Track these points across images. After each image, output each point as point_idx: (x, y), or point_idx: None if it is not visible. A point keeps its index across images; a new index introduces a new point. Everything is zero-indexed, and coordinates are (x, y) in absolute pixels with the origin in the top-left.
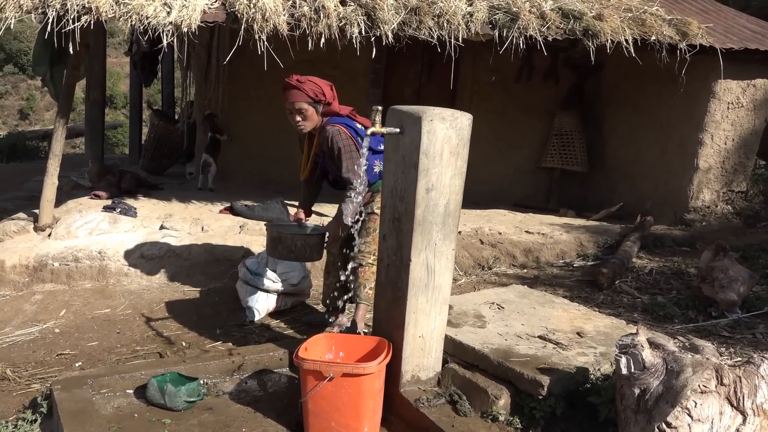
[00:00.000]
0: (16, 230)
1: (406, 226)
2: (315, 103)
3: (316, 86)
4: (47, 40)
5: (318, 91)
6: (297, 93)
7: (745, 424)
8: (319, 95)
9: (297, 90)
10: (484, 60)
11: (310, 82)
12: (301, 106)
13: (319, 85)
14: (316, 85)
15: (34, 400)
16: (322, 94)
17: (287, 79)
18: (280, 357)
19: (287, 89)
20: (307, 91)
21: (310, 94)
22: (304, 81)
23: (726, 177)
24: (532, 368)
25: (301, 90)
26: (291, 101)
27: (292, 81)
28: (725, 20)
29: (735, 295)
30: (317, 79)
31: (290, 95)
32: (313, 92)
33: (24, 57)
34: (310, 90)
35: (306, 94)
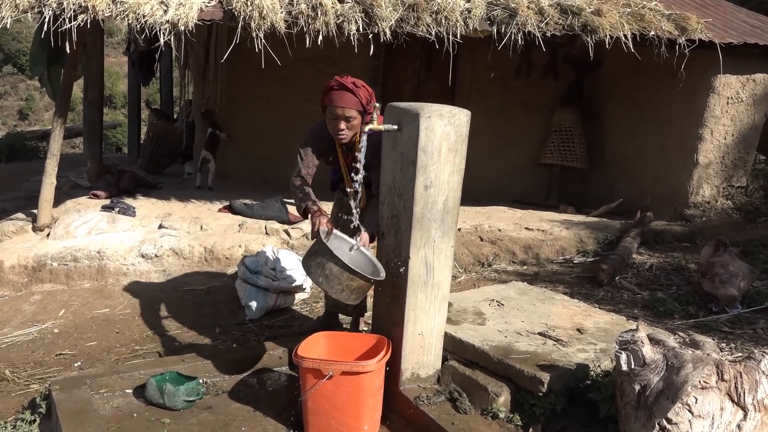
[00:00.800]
0: (14, 230)
1: (405, 223)
2: (363, 113)
3: (369, 93)
4: (44, 39)
5: (370, 99)
6: (350, 98)
7: (746, 420)
8: (368, 104)
9: (351, 95)
10: (483, 56)
11: (364, 87)
12: (351, 113)
13: (371, 93)
14: (369, 93)
15: (33, 401)
16: (369, 102)
17: (339, 79)
18: (280, 355)
19: (338, 91)
20: (361, 98)
21: (364, 102)
22: (360, 86)
23: (726, 172)
24: (532, 365)
25: (356, 95)
26: (341, 106)
27: (347, 83)
28: (724, 15)
29: (735, 291)
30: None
31: (342, 99)
32: (366, 100)
33: (23, 57)
34: (365, 97)
35: (360, 101)
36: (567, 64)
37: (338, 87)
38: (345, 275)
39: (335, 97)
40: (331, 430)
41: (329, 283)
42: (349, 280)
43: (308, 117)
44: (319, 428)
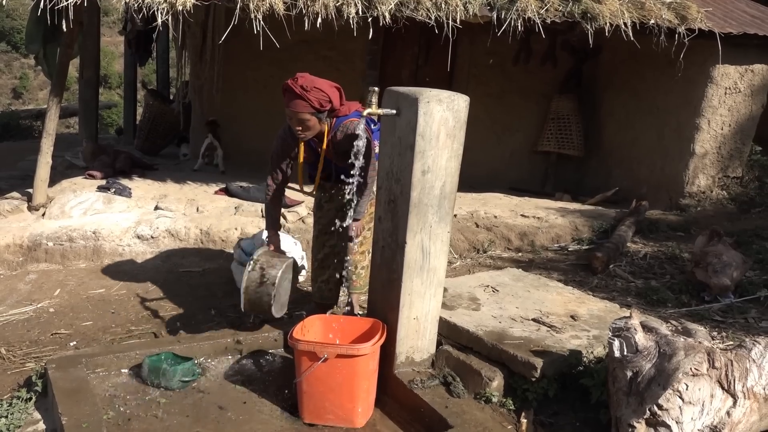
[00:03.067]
0: (9, 209)
1: (402, 208)
2: (319, 113)
3: (323, 94)
4: (40, 17)
5: (324, 100)
6: (300, 103)
7: (735, 407)
8: (324, 104)
9: (300, 100)
10: (482, 42)
11: (316, 89)
12: (303, 116)
13: (326, 93)
14: (323, 93)
15: (29, 379)
16: (328, 101)
17: (290, 83)
18: (275, 338)
19: (289, 95)
20: (311, 101)
21: (315, 105)
22: (310, 89)
23: (722, 162)
24: (526, 351)
25: (305, 100)
26: (292, 110)
27: (296, 88)
28: (724, 5)
29: (728, 280)
30: (324, 83)
31: (292, 104)
32: (318, 102)
33: (17, 35)
34: (315, 100)
35: (310, 104)
36: (566, 52)
37: (287, 91)
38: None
39: (286, 101)
40: (325, 412)
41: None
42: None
43: None
44: (314, 410)
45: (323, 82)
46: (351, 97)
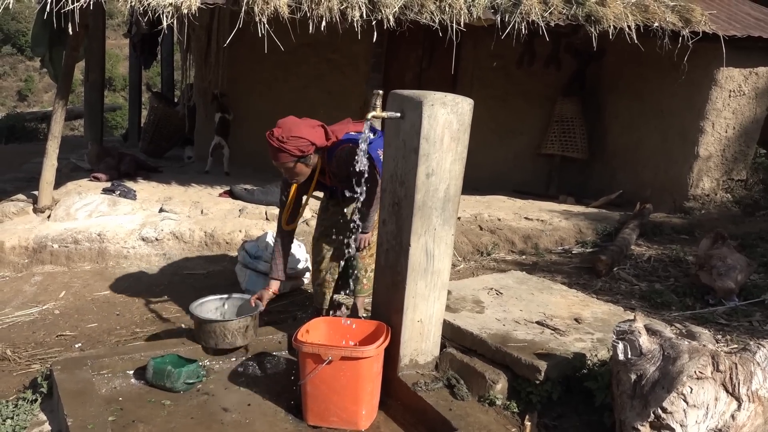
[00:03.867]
0: (15, 211)
1: (406, 210)
2: (302, 159)
3: (302, 141)
4: (46, 20)
5: (304, 145)
6: (281, 155)
7: (739, 410)
8: (306, 149)
9: (280, 152)
10: (486, 45)
11: (293, 138)
12: (286, 165)
13: (305, 138)
14: (302, 140)
15: (35, 380)
16: (309, 145)
17: (268, 137)
18: (279, 340)
19: (270, 149)
20: (291, 151)
21: (296, 153)
22: (287, 139)
23: (726, 165)
24: (530, 353)
25: (284, 151)
26: (275, 161)
27: (274, 142)
28: (728, 7)
29: (732, 283)
30: (303, 128)
31: (273, 157)
32: (298, 150)
33: (22, 38)
34: (295, 149)
35: (290, 154)
36: (570, 54)
37: (269, 144)
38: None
39: (270, 152)
40: (329, 414)
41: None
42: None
43: (310, 103)
44: (318, 412)
45: (303, 126)
46: (355, 99)
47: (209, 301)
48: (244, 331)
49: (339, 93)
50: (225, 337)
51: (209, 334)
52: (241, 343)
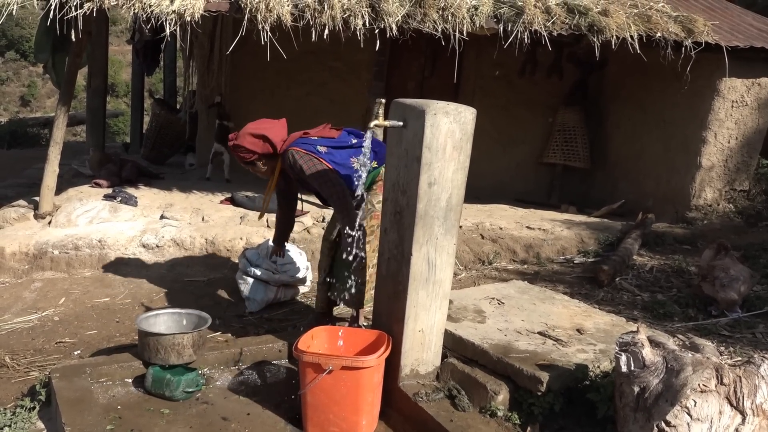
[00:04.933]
0: (16, 217)
1: (408, 219)
2: (261, 158)
3: (251, 145)
4: (49, 26)
5: (254, 149)
6: (238, 155)
7: (744, 424)
8: (247, 156)
9: (236, 153)
10: (488, 54)
11: (243, 146)
12: (248, 162)
13: (251, 145)
14: (241, 148)
15: (33, 388)
16: (250, 154)
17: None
18: (279, 348)
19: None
20: (243, 156)
21: (246, 157)
22: (239, 145)
23: (729, 176)
24: (532, 364)
25: (238, 153)
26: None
27: (230, 143)
28: (731, 18)
29: (735, 295)
30: (253, 130)
31: (236, 155)
32: (248, 153)
33: (26, 43)
34: (245, 153)
35: (242, 157)
36: (572, 64)
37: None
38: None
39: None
40: (329, 424)
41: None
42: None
43: (312, 110)
44: (318, 422)
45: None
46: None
47: (164, 314)
48: (179, 349)
49: (341, 101)
50: (158, 352)
51: (144, 347)
52: (175, 360)
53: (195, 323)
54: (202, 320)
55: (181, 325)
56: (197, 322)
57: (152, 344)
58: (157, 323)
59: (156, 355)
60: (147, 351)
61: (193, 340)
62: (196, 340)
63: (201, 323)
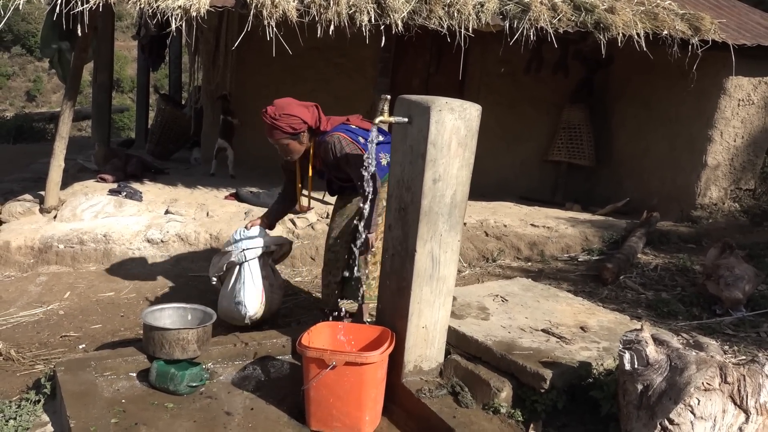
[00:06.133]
0: (21, 211)
1: (412, 216)
2: (294, 136)
3: (293, 118)
4: (55, 21)
5: (296, 123)
6: (274, 132)
7: (747, 423)
8: (297, 127)
9: (273, 128)
10: (494, 51)
11: (285, 116)
12: (281, 142)
13: (297, 116)
14: (293, 117)
15: (38, 381)
16: (301, 123)
17: (262, 114)
18: (283, 344)
19: (265, 127)
20: (283, 128)
21: (288, 131)
22: (279, 117)
23: (734, 174)
24: (535, 361)
25: (276, 128)
26: (269, 137)
27: (266, 119)
28: (738, 16)
29: (740, 294)
30: (295, 107)
31: (267, 133)
32: (290, 127)
33: (32, 38)
34: (287, 126)
35: (282, 131)
36: (578, 61)
37: (263, 122)
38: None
39: (265, 130)
40: (332, 419)
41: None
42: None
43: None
44: (321, 418)
45: (295, 105)
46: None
47: (169, 309)
48: (183, 344)
49: (346, 97)
50: (163, 346)
51: (149, 341)
52: (179, 355)
53: (200, 318)
54: (207, 315)
55: (186, 319)
56: (202, 317)
57: (157, 338)
58: (162, 317)
59: (161, 350)
60: (152, 345)
61: (198, 336)
62: (201, 335)
63: (206, 318)
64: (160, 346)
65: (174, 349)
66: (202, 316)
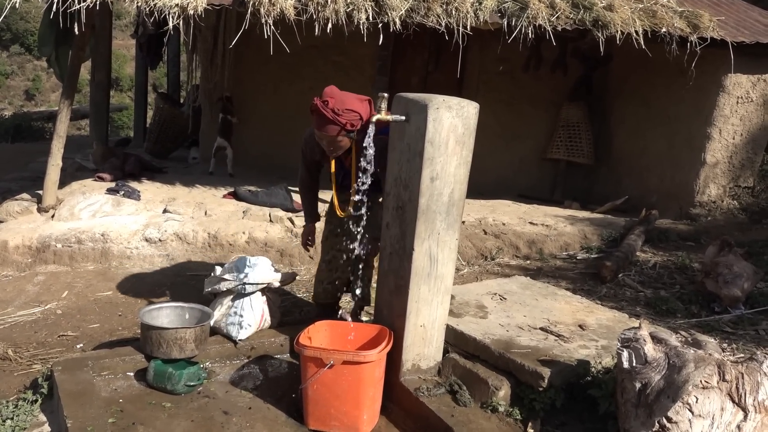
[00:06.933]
0: (19, 211)
1: (410, 214)
2: (350, 133)
3: (354, 114)
4: (52, 20)
5: (356, 120)
6: (332, 128)
7: (746, 421)
8: (357, 123)
9: (332, 125)
10: (492, 49)
11: (347, 111)
12: (332, 137)
13: (357, 112)
14: (354, 113)
15: (35, 381)
16: (359, 119)
17: (320, 107)
18: (281, 343)
19: (318, 119)
20: (344, 125)
21: (348, 127)
22: (341, 112)
23: (733, 172)
24: (533, 360)
25: (337, 124)
26: (323, 133)
27: (327, 113)
28: (737, 13)
29: (739, 291)
30: (354, 101)
31: (323, 128)
32: (350, 124)
33: (30, 37)
34: (347, 122)
35: (342, 128)
36: (576, 59)
37: (318, 114)
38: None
39: (316, 124)
40: (330, 418)
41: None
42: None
43: None
44: (319, 416)
45: (353, 99)
46: None
47: (167, 308)
48: (181, 343)
49: None
50: (160, 345)
51: (146, 340)
52: (177, 355)
53: (198, 318)
54: (205, 315)
55: (184, 319)
56: (200, 316)
57: (155, 338)
58: (159, 317)
59: (158, 349)
60: (149, 344)
61: (196, 335)
62: (199, 334)
63: (204, 318)
64: (158, 346)
65: (172, 349)
66: (200, 316)
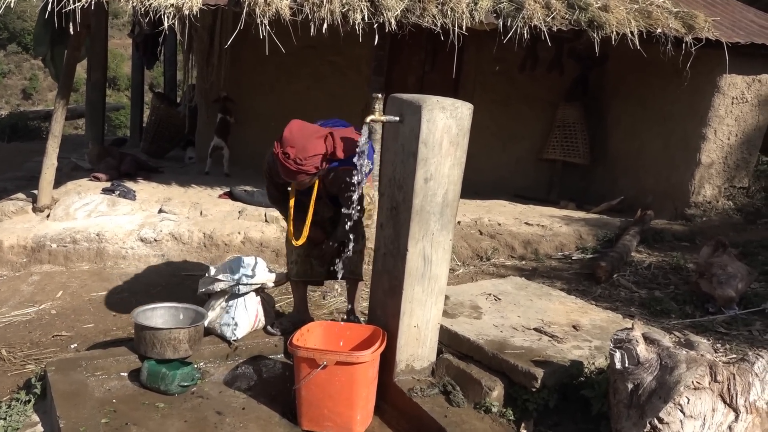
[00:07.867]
0: (14, 210)
1: (404, 215)
2: (317, 174)
3: (317, 158)
4: (48, 19)
5: (318, 161)
6: (299, 176)
7: (737, 421)
8: (320, 165)
9: (299, 174)
10: (488, 49)
11: (310, 158)
12: (303, 182)
13: (319, 154)
14: (317, 157)
15: (29, 381)
16: (322, 158)
17: (282, 160)
18: (275, 343)
19: (283, 170)
20: (309, 171)
21: (312, 171)
22: (304, 161)
23: (728, 172)
24: (527, 360)
25: (304, 173)
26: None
27: (290, 164)
28: (732, 14)
29: (733, 292)
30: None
31: (290, 177)
32: (315, 168)
33: (27, 36)
34: (312, 167)
35: (308, 174)
36: (572, 60)
37: (282, 167)
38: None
39: (282, 173)
40: (324, 419)
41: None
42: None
43: (311, 104)
44: (312, 417)
45: (313, 141)
46: (357, 102)
47: (161, 308)
48: (175, 344)
49: (341, 96)
50: (154, 346)
51: (140, 341)
52: (171, 355)
53: (192, 318)
54: (199, 315)
55: (178, 319)
56: (194, 317)
57: (148, 338)
58: (153, 317)
59: (152, 349)
60: (143, 345)
61: (190, 335)
62: (193, 335)
63: (198, 318)
64: (152, 346)
65: (165, 349)
66: (194, 316)
